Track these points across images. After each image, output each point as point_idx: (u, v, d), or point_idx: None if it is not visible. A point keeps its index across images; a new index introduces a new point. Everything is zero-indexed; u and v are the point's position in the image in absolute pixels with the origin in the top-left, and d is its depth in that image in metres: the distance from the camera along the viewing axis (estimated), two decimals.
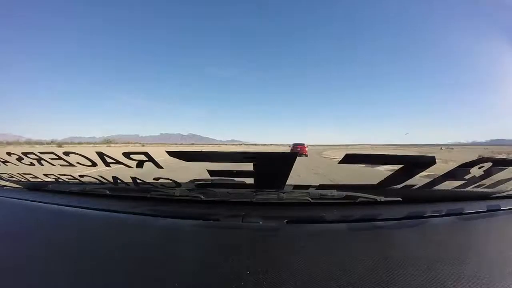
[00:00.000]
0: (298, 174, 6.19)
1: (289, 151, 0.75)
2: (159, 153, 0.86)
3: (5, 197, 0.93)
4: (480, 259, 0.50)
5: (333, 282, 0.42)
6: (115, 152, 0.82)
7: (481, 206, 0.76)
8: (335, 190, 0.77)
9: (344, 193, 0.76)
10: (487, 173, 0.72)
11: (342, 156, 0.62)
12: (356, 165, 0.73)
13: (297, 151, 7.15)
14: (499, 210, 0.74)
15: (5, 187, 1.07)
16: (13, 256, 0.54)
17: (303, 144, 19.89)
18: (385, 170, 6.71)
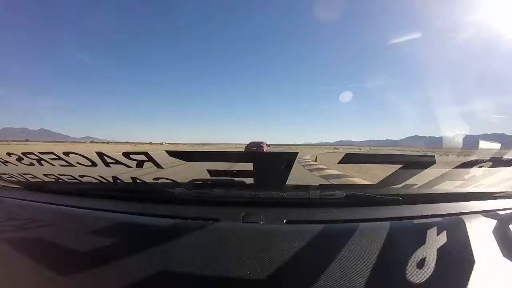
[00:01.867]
0: None
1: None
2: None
3: (5, 197, 0.92)
4: (480, 259, 0.50)
5: (333, 283, 0.42)
6: None
7: (481, 206, 0.76)
8: (335, 190, 0.77)
9: (344, 193, 0.76)
10: (487, 173, 0.72)
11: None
12: None
13: (252, 150, 6.65)
14: (499, 210, 0.74)
15: (5, 187, 1.06)
16: (13, 256, 0.54)
17: (261, 143, 17.48)
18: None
